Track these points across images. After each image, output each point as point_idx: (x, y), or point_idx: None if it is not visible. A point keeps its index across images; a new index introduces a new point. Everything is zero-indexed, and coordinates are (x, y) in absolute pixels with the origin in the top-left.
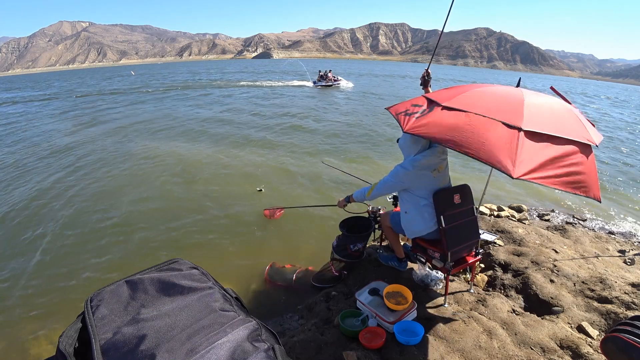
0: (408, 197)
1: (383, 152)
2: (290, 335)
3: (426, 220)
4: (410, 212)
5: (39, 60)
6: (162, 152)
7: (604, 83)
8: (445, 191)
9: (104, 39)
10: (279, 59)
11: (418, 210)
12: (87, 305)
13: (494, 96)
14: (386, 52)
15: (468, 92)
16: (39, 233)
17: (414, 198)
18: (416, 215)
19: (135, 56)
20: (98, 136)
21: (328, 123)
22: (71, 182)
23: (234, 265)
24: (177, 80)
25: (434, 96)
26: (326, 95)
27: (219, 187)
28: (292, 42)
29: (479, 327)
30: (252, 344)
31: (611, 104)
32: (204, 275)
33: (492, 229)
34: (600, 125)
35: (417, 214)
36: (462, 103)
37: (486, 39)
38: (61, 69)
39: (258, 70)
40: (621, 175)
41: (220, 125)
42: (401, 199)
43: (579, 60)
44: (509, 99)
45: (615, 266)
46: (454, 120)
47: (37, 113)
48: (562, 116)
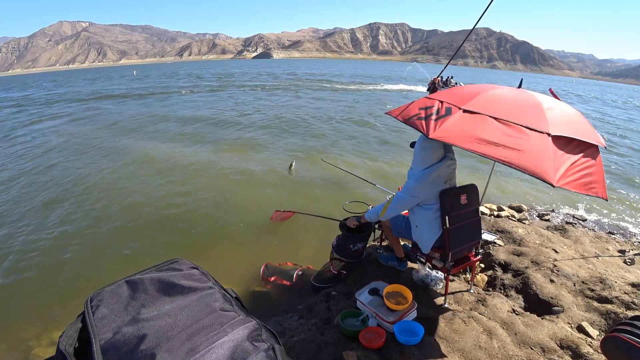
0: (420, 211)
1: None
2: (290, 335)
3: (435, 231)
4: (422, 226)
5: (39, 60)
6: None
7: (605, 83)
8: (452, 191)
9: (104, 39)
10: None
11: (430, 224)
12: (87, 305)
13: (510, 99)
14: (386, 52)
15: (483, 95)
16: (39, 233)
17: (426, 212)
18: (428, 230)
19: (135, 56)
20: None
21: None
22: (71, 182)
23: (234, 265)
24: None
25: (443, 98)
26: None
27: (221, 189)
28: (292, 42)
29: (479, 327)
30: (252, 344)
31: (607, 105)
32: (204, 275)
33: (492, 229)
34: (599, 126)
35: (429, 228)
36: (482, 106)
37: (486, 39)
38: (61, 69)
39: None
40: (621, 175)
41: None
42: (411, 213)
43: (579, 60)
44: (526, 103)
45: (615, 266)
46: (484, 126)
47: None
48: (574, 119)
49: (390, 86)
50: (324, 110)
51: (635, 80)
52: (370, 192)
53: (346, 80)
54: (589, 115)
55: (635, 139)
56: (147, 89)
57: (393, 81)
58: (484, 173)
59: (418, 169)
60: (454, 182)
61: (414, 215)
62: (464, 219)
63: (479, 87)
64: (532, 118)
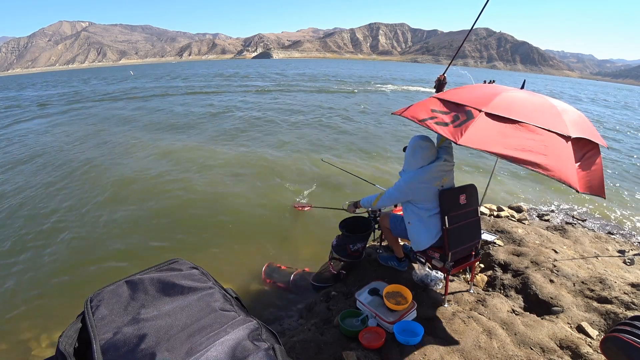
0: (411, 208)
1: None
2: (290, 335)
3: (430, 231)
4: (414, 224)
5: (38, 60)
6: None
7: (603, 83)
8: (451, 191)
9: (103, 38)
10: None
11: (422, 222)
12: (87, 305)
13: (528, 102)
14: (386, 52)
15: (502, 97)
16: (39, 233)
17: (417, 210)
18: (420, 228)
19: (135, 56)
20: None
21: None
22: (71, 182)
23: (234, 265)
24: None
25: (456, 99)
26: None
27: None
28: (292, 42)
29: (479, 327)
30: (253, 343)
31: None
32: (204, 275)
33: (492, 229)
34: (597, 127)
35: (421, 226)
36: (504, 109)
37: (486, 39)
38: (61, 69)
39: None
40: (621, 175)
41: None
42: (405, 209)
43: (578, 61)
44: (543, 106)
45: (615, 266)
46: (510, 131)
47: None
48: (582, 119)
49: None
50: (325, 110)
51: (635, 81)
52: (370, 192)
53: (353, 80)
54: (589, 116)
55: (635, 139)
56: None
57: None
58: (484, 173)
59: (409, 169)
60: (449, 184)
61: (406, 212)
62: (463, 219)
63: (492, 87)
64: (553, 121)
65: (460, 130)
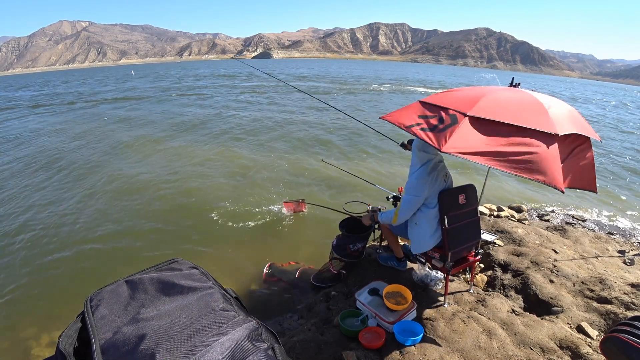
0: (423, 208)
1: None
2: (290, 335)
3: (434, 232)
4: (421, 225)
5: (38, 60)
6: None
7: (603, 83)
8: (450, 191)
9: (103, 38)
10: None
11: (430, 223)
12: (87, 305)
13: (514, 101)
14: (386, 52)
15: (485, 99)
16: (39, 233)
17: (428, 210)
18: (427, 229)
19: (135, 56)
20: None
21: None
22: (70, 182)
23: (234, 265)
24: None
25: (441, 102)
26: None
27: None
28: (292, 42)
29: (479, 327)
30: (252, 344)
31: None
32: (203, 275)
33: (491, 229)
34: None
35: (428, 227)
36: (488, 112)
37: (486, 39)
38: (61, 69)
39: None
40: (620, 175)
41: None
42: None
43: (578, 61)
44: (529, 104)
45: (615, 266)
46: (493, 134)
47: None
48: (572, 113)
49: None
50: (325, 110)
51: (635, 81)
52: (370, 192)
53: (359, 81)
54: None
55: (635, 139)
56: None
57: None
58: (483, 173)
59: (417, 166)
60: (450, 179)
61: (416, 212)
62: (462, 219)
63: (478, 89)
64: (538, 119)
65: (444, 135)
